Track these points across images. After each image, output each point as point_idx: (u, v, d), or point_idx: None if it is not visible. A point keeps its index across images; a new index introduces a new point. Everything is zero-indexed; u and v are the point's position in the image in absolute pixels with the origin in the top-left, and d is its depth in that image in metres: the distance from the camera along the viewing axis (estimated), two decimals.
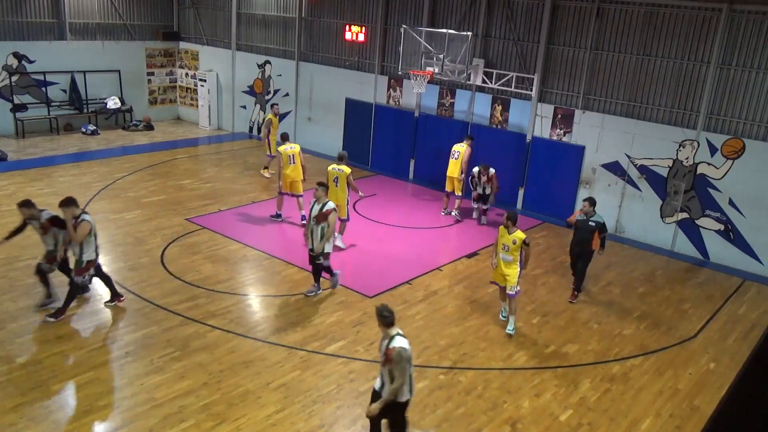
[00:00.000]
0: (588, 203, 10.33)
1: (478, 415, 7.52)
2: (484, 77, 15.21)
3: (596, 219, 10.29)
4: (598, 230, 10.28)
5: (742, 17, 12.11)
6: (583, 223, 10.37)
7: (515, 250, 9.19)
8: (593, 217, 10.30)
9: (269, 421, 7.15)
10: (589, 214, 10.30)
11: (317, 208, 9.74)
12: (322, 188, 9.80)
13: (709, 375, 8.81)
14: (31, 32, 18.97)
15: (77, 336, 8.53)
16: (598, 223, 10.28)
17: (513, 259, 9.25)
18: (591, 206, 10.30)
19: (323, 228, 9.73)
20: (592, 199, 10.40)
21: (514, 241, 9.12)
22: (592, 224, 10.27)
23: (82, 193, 14.24)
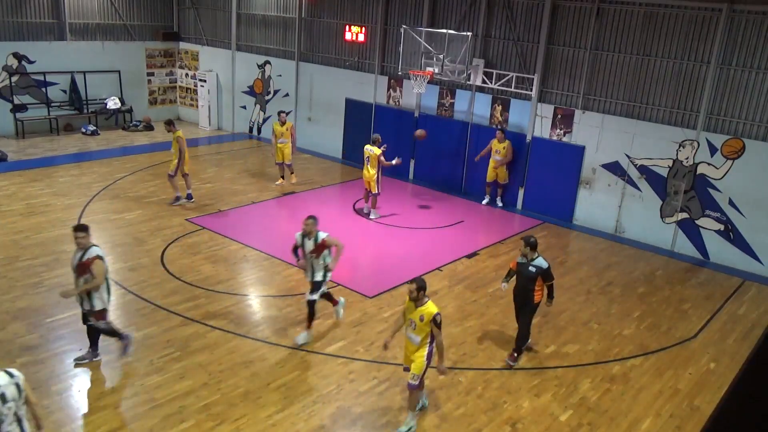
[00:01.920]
0: (524, 244, 8.48)
1: (478, 415, 7.52)
2: (484, 77, 15.21)
3: (537, 263, 8.41)
4: (541, 277, 8.44)
5: (742, 17, 12.11)
6: (522, 267, 8.54)
7: (424, 328, 6.87)
8: (534, 260, 8.44)
9: (269, 421, 7.15)
10: (529, 257, 8.47)
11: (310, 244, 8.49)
12: (312, 220, 8.45)
13: (709, 375, 8.81)
14: (31, 32, 18.97)
15: (77, 336, 8.52)
16: (540, 268, 8.39)
17: (420, 339, 6.92)
18: (529, 248, 8.44)
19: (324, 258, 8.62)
20: (529, 239, 8.48)
21: (422, 317, 6.84)
22: (532, 270, 8.40)
23: (83, 193, 14.26)
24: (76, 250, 7.60)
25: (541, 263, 8.42)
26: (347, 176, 17.42)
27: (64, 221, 12.50)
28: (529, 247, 8.43)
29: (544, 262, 8.44)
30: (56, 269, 10.43)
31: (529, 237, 8.53)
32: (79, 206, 13.39)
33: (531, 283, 8.44)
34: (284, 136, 15.38)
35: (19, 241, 11.49)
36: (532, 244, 8.44)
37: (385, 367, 8.36)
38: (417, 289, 6.86)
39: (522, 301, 8.65)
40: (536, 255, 8.47)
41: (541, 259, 8.45)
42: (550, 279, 8.51)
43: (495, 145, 14.86)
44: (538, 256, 8.47)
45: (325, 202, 14.85)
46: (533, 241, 8.46)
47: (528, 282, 8.47)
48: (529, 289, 8.48)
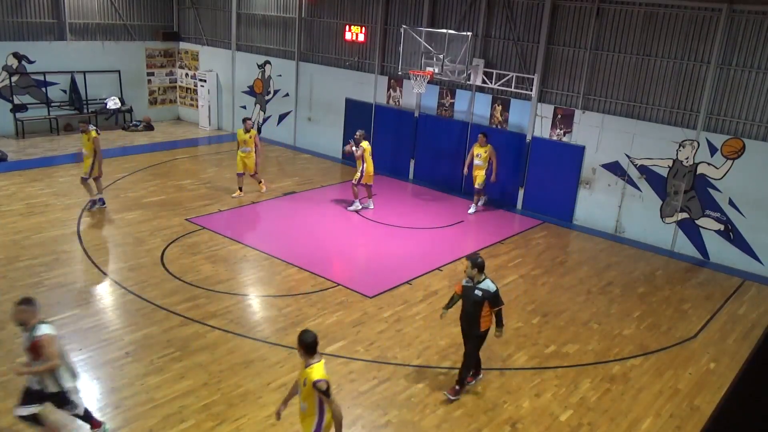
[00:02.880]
0: (470, 264, 7.49)
1: (478, 415, 7.52)
2: (484, 77, 15.21)
3: (484, 287, 7.46)
4: (488, 302, 7.48)
5: (742, 17, 12.11)
6: (468, 291, 7.60)
7: (309, 394, 5.63)
8: (481, 283, 7.49)
9: (269, 421, 7.15)
10: (475, 279, 7.52)
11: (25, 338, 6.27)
12: (26, 306, 6.17)
13: (709, 375, 8.82)
14: (31, 32, 18.97)
15: (77, 336, 8.52)
16: (486, 292, 7.44)
17: (307, 407, 5.73)
18: (476, 269, 7.46)
19: None
20: (475, 258, 7.51)
21: (305, 381, 5.60)
22: (478, 294, 7.47)
23: (83, 193, 14.25)
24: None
25: (488, 286, 7.47)
26: (347, 176, 17.39)
27: (64, 221, 12.50)
28: (476, 268, 7.45)
29: (492, 285, 7.50)
30: (56, 269, 10.44)
31: (474, 256, 7.55)
32: (79, 206, 13.39)
33: (477, 309, 7.49)
34: (247, 144, 14.46)
35: (19, 241, 11.49)
36: (478, 265, 7.45)
37: (385, 367, 8.37)
38: (300, 346, 5.56)
39: (467, 329, 7.71)
40: (483, 277, 7.51)
41: (488, 282, 7.50)
42: (497, 304, 7.52)
43: (476, 149, 14.54)
44: (485, 279, 7.51)
45: (325, 202, 14.84)
46: (480, 261, 7.47)
47: (473, 307, 7.51)
48: (474, 316, 7.53)
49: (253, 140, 14.48)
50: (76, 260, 10.88)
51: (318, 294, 10.28)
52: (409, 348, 8.85)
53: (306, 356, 5.62)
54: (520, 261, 12.29)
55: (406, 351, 8.77)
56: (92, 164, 12.93)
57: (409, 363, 8.50)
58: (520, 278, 11.49)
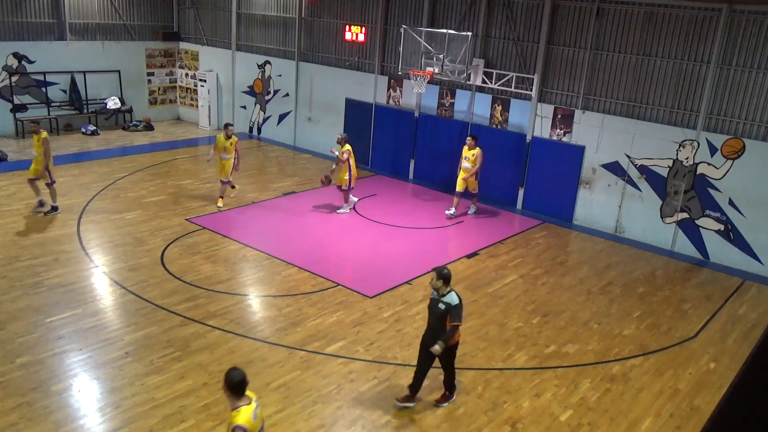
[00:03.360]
0: (435, 275, 7.18)
1: (478, 415, 7.52)
2: (484, 77, 15.21)
3: (448, 300, 7.15)
4: (450, 315, 7.15)
5: (742, 17, 12.11)
6: (433, 304, 7.31)
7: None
8: (446, 296, 7.18)
9: (269, 421, 7.14)
10: (440, 291, 7.22)
11: None
12: None
13: (709, 375, 8.81)
14: (31, 32, 18.97)
15: (77, 336, 8.53)
16: (449, 305, 7.14)
17: None
18: (439, 280, 7.16)
19: None
20: (441, 270, 7.19)
21: None
22: (441, 307, 7.17)
23: (83, 193, 14.26)
24: None
25: (451, 299, 7.13)
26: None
27: (64, 221, 12.50)
28: (441, 279, 7.15)
29: (456, 299, 7.15)
30: (56, 269, 10.44)
31: (441, 268, 7.23)
32: (79, 206, 13.39)
33: (441, 323, 7.19)
34: (228, 151, 13.75)
35: (19, 241, 11.49)
36: (443, 276, 7.14)
37: (385, 367, 8.37)
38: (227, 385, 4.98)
39: (431, 344, 7.25)
40: (448, 289, 7.19)
41: (453, 295, 7.17)
42: (456, 319, 7.15)
43: (465, 152, 14.17)
44: (450, 291, 7.20)
45: (325, 202, 14.84)
46: (445, 272, 7.15)
47: (438, 322, 7.22)
48: (438, 330, 7.22)
49: (234, 147, 13.80)
50: (76, 260, 10.88)
51: (318, 294, 10.28)
52: (409, 348, 8.84)
53: (232, 398, 5.01)
54: (520, 261, 12.29)
55: (406, 351, 8.76)
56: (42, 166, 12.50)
57: (409, 363, 8.48)
58: (520, 278, 11.49)
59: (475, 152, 13.99)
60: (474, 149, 13.99)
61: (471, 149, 14.03)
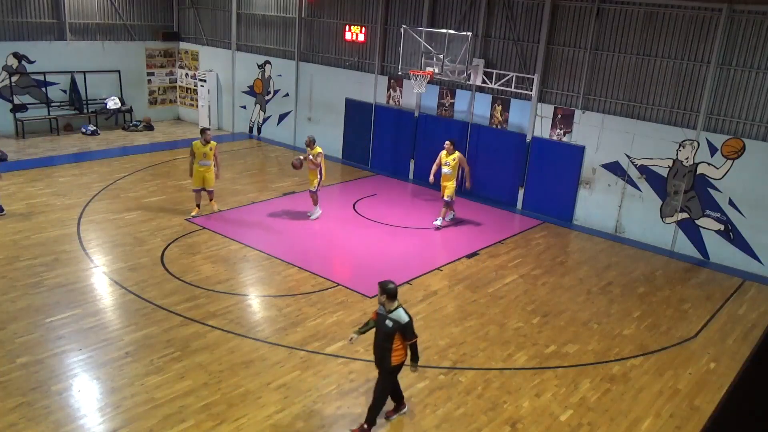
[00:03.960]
0: (380, 290, 6.72)
1: (478, 415, 7.52)
2: (484, 77, 15.21)
3: (395, 317, 6.64)
4: (400, 334, 6.68)
5: (742, 17, 12.11)
6: (380, 320, 6.81)
7: None
8: (393, 312, 6.67)
9: (269, 421, 7.15)
10: (387, 306, 6.72)
11: None
12: None
13: (709, 375, 8.81)
14: (31, 32, 18.97)
15: (77, 336, 8.53)
16: (397, 323, 6.63)
17: None
18: (383, 295, 6.69)
19: None
20: (385, 284, 6.70)
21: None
22: (389, 324, 6.66)
23: (83, 193, 14.26)
24: None
25: (399, 317, 6.65)
26: (347, 176, 17.42)
27: (64, 221, 12.51)
28: (385, 294, 6.67)
29: (404, 316, 6.67)
30: (56, 269, 10.44)
31: (385, 282, 6.71)
32: (79, 206, 13.39)
33: (387, 341, 6.67)
34: (207, 157, 12.92)
35: (19, 241, 11.49)
36: (388, 291, 6.66)
37: None
38: None
39: (378, 362, 6.86)
40: (395, 305, 6.70)
41: (400, 312, 6.68)
42: (410, 337, 6.73)
43: (443, 157, 13.41)
44: (398, 308, 6.71)
45: (325, 202, 14.84)
46: (390, 287, 6.65)
47: (384, 339, 6.70)
48: (385, 348, 6.70)
49: (214, 152, 13.03)
50: (76, 260, 10.88)
51: (318, 294, 10.28)
52: None
53: None
54: (520, 261, 12.29)
55: None
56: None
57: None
58: (520, 278, 11.49)
59: (454, 156, 13.34)
60: (453, 153, 13.34)
61: (450, 154, 13.33)
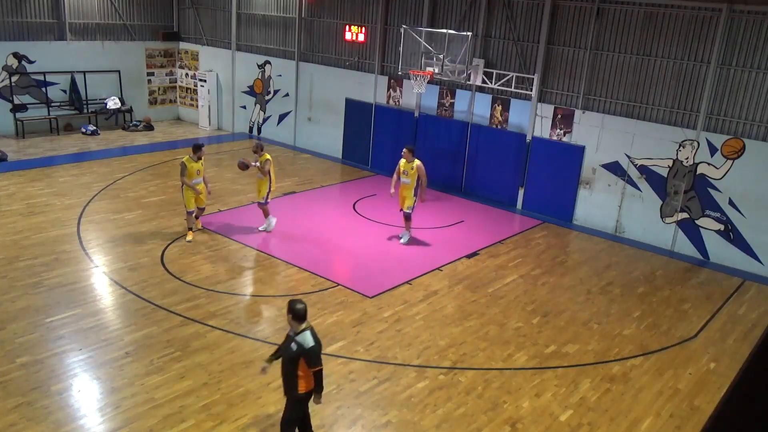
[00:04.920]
0: (288, 310, 6.04)
1: (478, 415, 7.52)
2: (484, 77, 15.21)
3: (301, 340, 5.93)
4: (305, 360, 5.94)
5: (742, 17, 12.11)
6: (286, 342, 6.16)
7: None
8: (299, 335, 5.96)
9: (269, 421, 7.14)
10: (293, 328, 6.05)
11: None
12: None
13: (709, 375, 8.81)
14: (31, 32, 18.97)
15: (77, 336, 8.53)
16: (301, 347, 5.91)
17: None
18: (289, 314, 6.02)
19: None
20: (293, 304, 6.01)
21: None
22: (293, 347, 5.97)
23: (83, 193, 14.26)
24: None
25: (305, 340, 5.91)
26: (347, 176, 17.42)
27: (64, 221, 12.51)
28: (291, 314, 5.99)
29: (310, 340, 5.93)
30: (56, 269, 10.44)
31: (294, 302, 6.02)
32: (79, 206, 13.39)
33: (292, 366, 6.00)
34: (201, 174, 11.90)
35: (19, 241, 11.49)
36: (294, 312, 5.96)
37: (385, 367, 8.37)
38: None
39: (285, 388, 6.21)
40: (302, 327, 6.00)
41: (307, 336, 5.94)
42: (314, 364, 5.97)
43: (402, 166, 12.20)
44: (306, 330, 5.98)
45: (325, 202, 14.84)
46: (297, 307, 5.96)
47: (289, 363, 6.04)
48: (290, 374, 6.04)
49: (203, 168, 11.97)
50: (76, 260, 10.88)
51: (318, 294, 10.28)
52: (409, 348, 8.85)
53: None
54: (520, 261, 12.29)
55: (406, 351, 8.77)
56: None
57: (409, 363, 8.50)
58: (520, 278, 11.49)
59: (414, 164, 12.04)
60: (412, 161, 12.06)
61: (409, 162, 12.07)
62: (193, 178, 11.76)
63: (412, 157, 12.13)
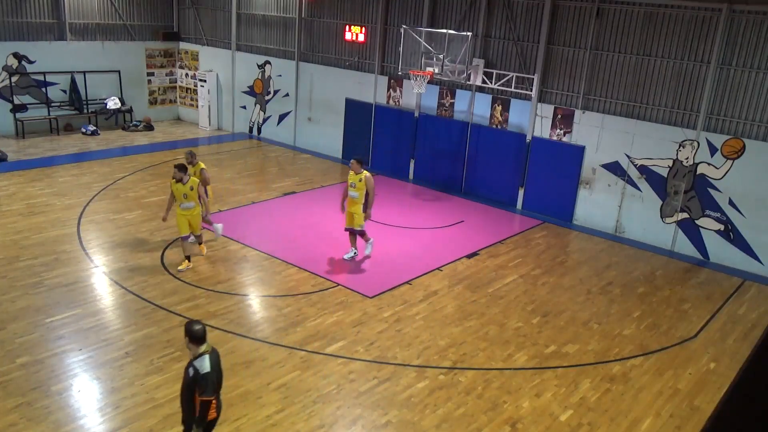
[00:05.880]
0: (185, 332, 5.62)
1: (478, 415, 7.52)
2: (484, 77, 15.21)
3: (198, 364, 5.53)
4: (196, 386, 5.51)
5: (742, 17, 12.11)
6: (188, 365, 5.67)
7: None
8: (198, 358, 5.56)
9: (269, 421, 7.15)
10: (193, 352, 5.61)
11: None
12: None
13: (709, 375, 8.81)
14: (31, 32, 18.97)
15: (77, 336, 8.53)
16: (197, 372, 5.50)
17: None
18: (188, 337, 5.58)
19: None
20: (190, 325, 5.61)
21: None
22: (190, 372, 5.55)
23: (83, 193, 14.26)
24: None
25: (201, 365, 5.50)
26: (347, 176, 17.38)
27: (64, 221, 12.51)
28: (188, 336, 5.56)
29: (206, 365, 5.50)
30: (56, 269, 10.44)
31: (191, 323, 5.64)
32: (79, 206, 13.39)
33: (188, 392, 5.60)
34: (188, 198, 10.49)
35: (19, 241, 11.49)
36: (190, 333, 5.54)
37: (385, 367, 8.37)
38: None
39: (185, 416, 5.74)
40: (201, 350, 5.57)
41: (204, 360, 5.53)
42: (204, 392, 5.48)
43: (350, 178, 11.38)
44: (203, 354, 5.56)
45: (325, 202, 14.83)
46: (195, 329, 5.55)
47: (185, 389, 5.64)
48: (189, 402, 5.62)
49: (197, 191, 10.60)
50: (76, 260, 10.88)
51: (318, 294, 10.28)
52: (409, 348, 8.85)
53: None
54: (520, 261, 12.29)
55: (406, 351, 8.77)
56: None
57: (409, 363, 8.50)
58: (520, 278, 11.49)
59: (361, 177, 11.27)
60: (360, 173, 11.26)
61: (357, 173, 11.27)
62: (181, 202, 10.53)
63: (360, 168, 11.30)
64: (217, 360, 5.69)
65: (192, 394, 5.57)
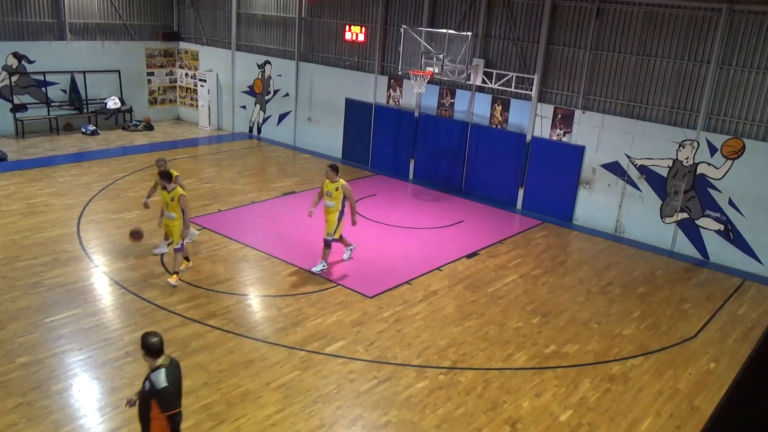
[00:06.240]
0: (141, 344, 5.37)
1: (478, 415, 7.52)
2: (484, 77, 15.21)
3: (154, 378, 5.29)
4: (156, 402, 5.27)
5: (742, 17, 12.11)
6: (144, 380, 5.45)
7: None
8: (154, 372, 5.32)
9: (269, 421, 7.15)
10: (150, 365, 5.37)
11: None
12: None
13: (709, 375, 8.81)
14: (31, 32, 18.97)
15: (77, 336, 8.53)
16: (153, 387, 5.27)
17: None
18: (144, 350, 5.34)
19: None
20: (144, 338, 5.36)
21: None
22: (146, 386, 5.33)
23: (83, 193, 14.26)
24: None
25: (158, 379, 5.25)
26: (347, 176, 17.31)
27: (64, 221, 12.50)
28: (144, 349, 5.32)
29: (162, 380, 5.25)
30: (56, 269, 10.43)
31: (146, 335, 5.38)
32: (79, 206, 13.39)
33: (145, 407, 5.38)
34: (169, 208, 10.10)
35: (19, 241, 11.49)
36: (147, 347, 5.30)
37: (385, 367, 8.37)
38: None
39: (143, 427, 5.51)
40: (158, 363, 5.33)
41: (160, 374, 5.27)
42: (164, 407, 5.25)
43: (325, 186, 10.95)
44: (159, 368, 5.32)
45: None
46: (151, 342, 5.30)
47: (142, 404, 5.42)
48: (144, 415, 5.41)
49: (178, 203, 10.01)
50: (76, 260, 10.88)
51: (318, 294, 10.28)
52: (409, 348, 8.85)
53: None
54: (520, 261, 12.29)
55: (406, 351, 8.77)
56: None
57: (409, 363, 8.50)
58: (520, 278, 11.49)
59: (338, 185, 10.85)
60: (337, 182, 10.83)
61: (333, 182, 10.83)
62: (164, 210, 10.22)
63: (335, 176, 10.83)
64: (174, 373, 5.43)
65: (148, 408, 5.35)
